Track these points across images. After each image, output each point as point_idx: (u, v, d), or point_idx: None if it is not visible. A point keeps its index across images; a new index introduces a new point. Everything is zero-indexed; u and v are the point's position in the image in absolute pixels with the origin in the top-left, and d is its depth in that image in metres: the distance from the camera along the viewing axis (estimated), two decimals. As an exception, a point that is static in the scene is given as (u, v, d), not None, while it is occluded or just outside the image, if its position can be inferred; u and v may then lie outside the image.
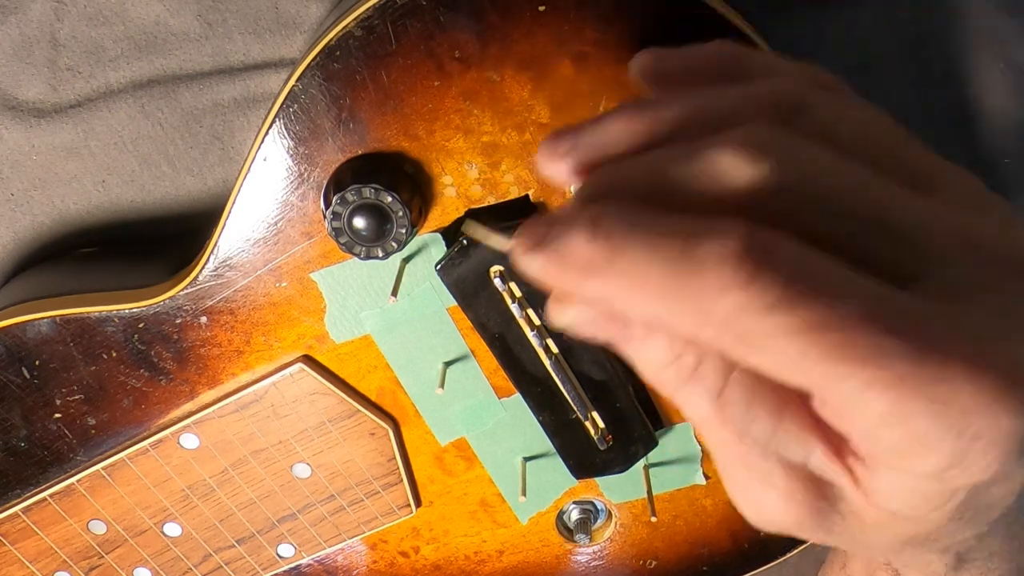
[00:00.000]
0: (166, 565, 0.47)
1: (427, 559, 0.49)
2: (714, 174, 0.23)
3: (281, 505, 0.45)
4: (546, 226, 0.24)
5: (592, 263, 0.23)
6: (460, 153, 0.37)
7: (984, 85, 0.47)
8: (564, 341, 0.40)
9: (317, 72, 0.35)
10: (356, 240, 0.37)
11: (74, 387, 0.42)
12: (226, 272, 0.40)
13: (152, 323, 0.41)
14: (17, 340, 0.41)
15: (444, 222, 0.39)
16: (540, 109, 0.36)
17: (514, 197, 0.38)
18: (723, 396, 0.25)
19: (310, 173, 0.37)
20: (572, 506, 0.47)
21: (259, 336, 0.41)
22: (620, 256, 0.23)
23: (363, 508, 0.46)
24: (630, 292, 0.23)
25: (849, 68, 0.46)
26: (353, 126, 0.36)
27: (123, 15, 0.43)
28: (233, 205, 0.38)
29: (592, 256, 0.23)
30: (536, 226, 0.24)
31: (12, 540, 0.45)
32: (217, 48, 0.44)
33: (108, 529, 0.45)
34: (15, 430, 0.43)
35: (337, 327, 0.41)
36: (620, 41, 0.35)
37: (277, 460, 0.44)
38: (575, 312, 0.25)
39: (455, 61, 0.35)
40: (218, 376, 0.42)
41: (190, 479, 0.44)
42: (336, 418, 0.43)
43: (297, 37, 0.44)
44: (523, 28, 0.35)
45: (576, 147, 0.27)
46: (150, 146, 0.46)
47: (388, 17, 0.34)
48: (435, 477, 0.46)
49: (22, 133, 0.45)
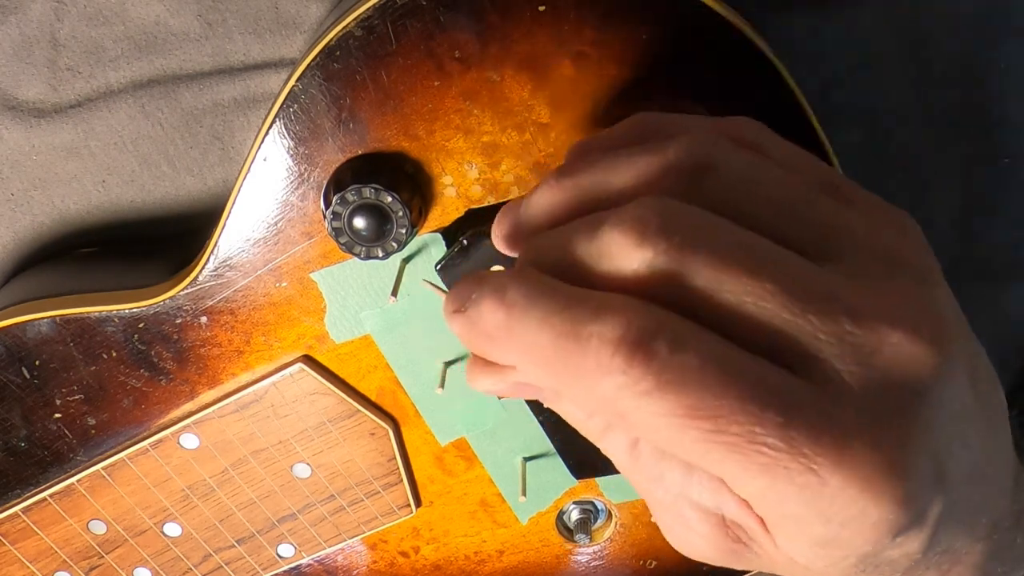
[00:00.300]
0: (166, 565, 0.47)
1: (427, 559, 0.49)
2: (607, 253, 0.24)
3: (281, 505, 0.45)
4: (469, 288, 0.25)
5: (496, 333, 0.25)
6: (460, 153, 0.37)
7: (984, 85, 0.47)
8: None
9: (317, 72, 0.35)
10: (356, 240, 0.37)
11: (74, 387, 0.42)
12: (226, 272, 0.40)
13: (152, 323, 0.41)
14: (17, 340, 0.41)
15: (444, 222, 0.39)
16: (540, 109, 0.36)
17: (514, 197, 0.38)
18: (636, 449, 0.27)
19: (310, 173, 0.37)
20: (572, 506, 0.47)
21: (259, 336, 0.41)
22: (518, 328, 0.24)
23: (363, 508, 0.46)
24: (527, 363, 0.25)
25: (849, 68, 0.46)
26: (353, 126, 0.36)
27: (123, 15, 0.43)
28: (233, 205, 0.38)
29: (496, 326, 0.24)
30: (463, 287, 0.26)
31: (12, 540, 0.45)
32: (217, 48, 0.44)
33: (108, 529, 0.45)
34: (15, 430, 0.43)
35: (337, 327, 0.41)
36: (620, 41, 0.35)
37: (277, 460, 0.44)
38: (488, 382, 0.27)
39: (455, 61, 0.35)
40: (218, 376, 0.42)
41: (190, 479, 0.44)
42: (336, 418, 0.43)
43: (297, 37, 0.44)
44: (523, 28, 0.35)
45: (503, 221, 0.29)
46: (150, 146, 0.46)
47: (388, 17, 0.34)
48: (435, 477, 0.46)
49: (22, 133, 0.45)
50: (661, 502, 0.27)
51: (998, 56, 0.46)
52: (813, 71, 0.46)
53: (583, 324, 0.23)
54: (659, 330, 0.23)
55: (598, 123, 0.37)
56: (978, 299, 0.52)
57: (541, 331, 0.24)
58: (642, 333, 0.23)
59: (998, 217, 0.50)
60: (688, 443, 0.23)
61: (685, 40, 0.35)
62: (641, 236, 0.24)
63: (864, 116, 0.47)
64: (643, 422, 0.23)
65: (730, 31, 0.35)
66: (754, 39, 0.35)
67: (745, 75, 0.35)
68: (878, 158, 0.48)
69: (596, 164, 0.27)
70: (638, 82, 0.36)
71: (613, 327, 0.23)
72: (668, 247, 0.23)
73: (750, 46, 0.35)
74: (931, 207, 0.50)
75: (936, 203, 0.49)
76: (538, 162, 0.37)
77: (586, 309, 0.23)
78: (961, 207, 0.50)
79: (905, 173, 0.49)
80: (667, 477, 0.27)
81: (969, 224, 0.50)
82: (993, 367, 0.28)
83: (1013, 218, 0.50)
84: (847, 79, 0.47)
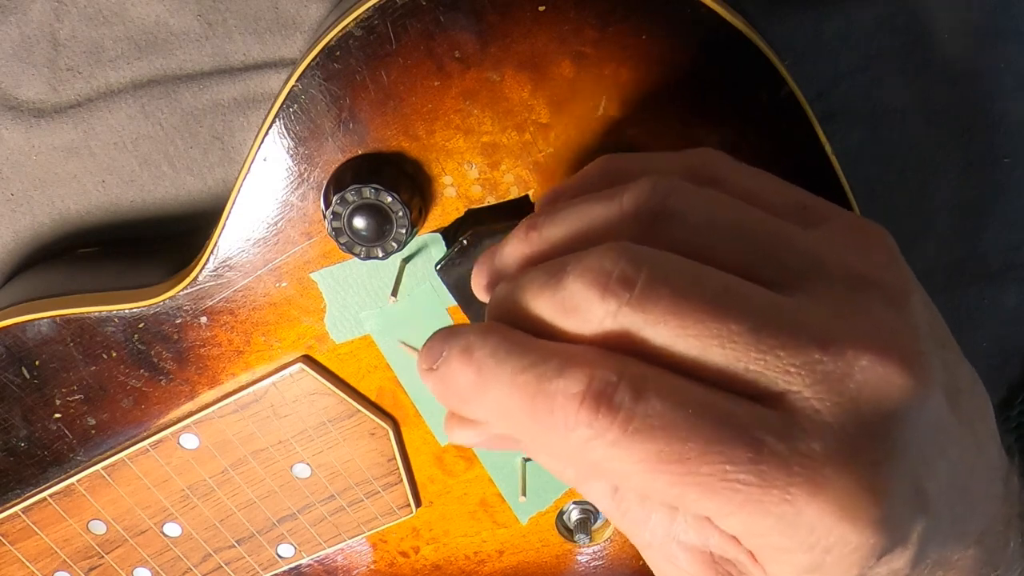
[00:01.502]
0: (166, 565, 0.47)
1: (427, 559, 0.49)
2: (571, 306, 0.25)
3: (281, 505, 0.45)
4: (440, 345, 0.26)
5: (466, 393, 0.25)
6: (460, 153, 0.37)
7: (984, 85, 0.47)
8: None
9: (317, 72, 0.35)
10: (356, 240, 0.37)
11: (74, 387, 0.42)
12: (226, 272, 0.40)
13: (152, 323, 0.41)
14: (17, 340, 0.41)
15: (444, 222, 0.39)
16: (540, 109, 0.36)
17: (514, 197, 0.38)
18: (617, 495, 0.27)
19: (310, 173, 0.37)
20: (572, 506, 0.47)
21: (259, 336, 0.41)
22: (487, 388, 0.24)
23: (363, 508, 0.46)
24: (499, 420, 0.25)
25: (849, 68, 0.46)
26: (353, 126, 0.36)
27: (123, 15, 0.43)
28: (233, 205, 0.38)
29: (466, 386, 0.25)
30: (434, 344, 0.26)
31: (12, 540, 0.45)
32: (217, 48, 0.44)
33: (108, 529, 0.45)
34: (15, 430, 0.43)
35: (337, 327, 0.41)
36: (620, 41, 0.35)
37: (277, 460, 0.44)
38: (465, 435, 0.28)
39: (455, 61, 0.35)
40: (218, 376, 0.42)
41: (190, 479, 0.44)
42: (336, 418, 0.43)
43: (297, 37, 0.44)
44: (523, 28, 0.35)
45: (480, 271, 0.30)
46: (150, 146, 0.46)
47: (388, 17, 0.34)
48: (435, 477, 0.46)
49: (22, 133, 0.45)
50: (649, 544, 0.28)
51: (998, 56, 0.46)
52: (813, 71, 0.46)
53: (548, 380, 0.24)
54: (621, 381, 0.23)
55: (598, 124, 0.37)
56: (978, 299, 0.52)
57: (510, 390, 0.24)
58: (604, 385, 0.23)
59: (998, 217, 0.50)
60: (663, 487, 0.23)
61: (685, 40, 0.35)
62: (603, 288, 0.24)
63: (864, 116, 0.47)
64: (616, 471, 0.24)
65: (730, 31, 0.35)
66: (754, 39, 0.35)
67: (745, 75, 0.35)
68: (878, 158, 0.48)
69: (561, 214, 0.28)
70: (638, 82, 0.36)
71: (576, 381, 0.23)
72: (630, 298, 0.24)
73: (750, 46, 0.35)
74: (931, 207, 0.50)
75: (936, 203, 0.49)
76: (538, 162, 0.37)
77: (550, 365, 0.24)
78: (961, 207, 0.50)
79: (905, 173, 0.49)
80: (652, 519, 0.27)
81: (969, 224, 0.50)
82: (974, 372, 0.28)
83: (1013, 218, 0.50)
84: (847, 79, 0.47)
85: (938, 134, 0.48)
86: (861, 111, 0.47)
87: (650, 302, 0.24)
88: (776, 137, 0.36)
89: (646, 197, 0.26)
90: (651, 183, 0.26)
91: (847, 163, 0.37)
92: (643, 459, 0.23)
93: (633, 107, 0.36)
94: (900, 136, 0.48)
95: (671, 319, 0.24)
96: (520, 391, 0.24)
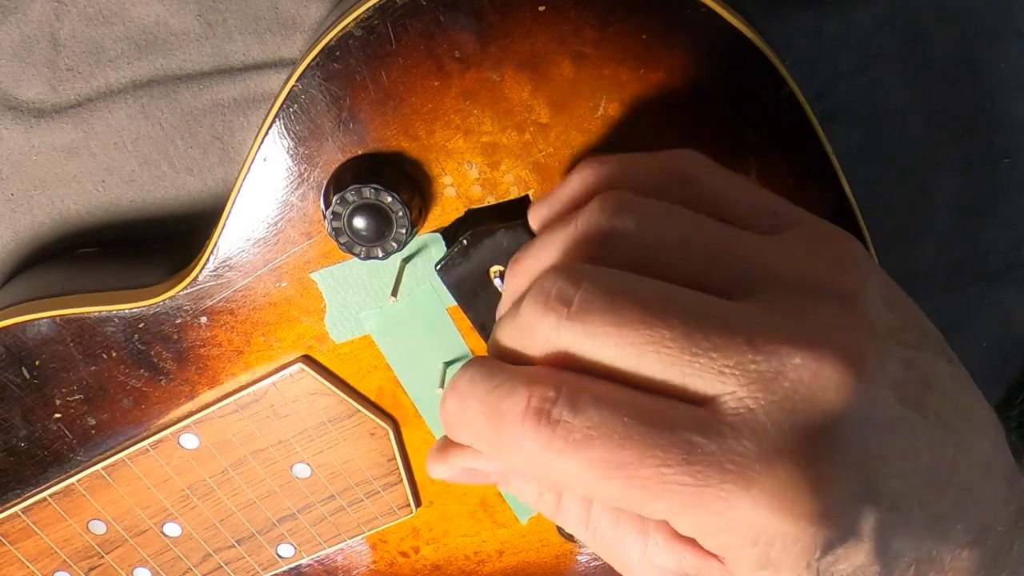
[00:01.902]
0: (166, 565, 0.47)
1: (427, 559, 0.49)
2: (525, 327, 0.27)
3: (281, 505, 0.45)
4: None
5: (453, 419, 0.28)
6: (460, 153, 0.37)
7: (984, 85, 0.47)
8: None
9: (317, 72, 0.35)
10: (356, 240, 0.37)
11: (74, 387, 0.42)
12: (226, 272, 0.40)
13: (152, 323, 0.41)
14: (17, 340, 0.41)
15: (444, 222, 0.39)
16: (540, 109, 0.36)
17: (514, 197, 0.38)
18: (590, 522, 0.29)
19: (310, 173, 0.37)
20: (572, 506, 0.47)
21: (259, 336, 0.41)
22: (465, 409, 0.27)
23: (363, 508, 0.46)
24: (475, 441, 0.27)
25: (849, 68, 0.46)
26: (353, 126, 0.36)
27: (123, 15, 0.43)
28: (233, 205, 0.38)
29: (453, 413, 0.28)
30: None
31: (12, 540, 0.45)
32: (217, 48, 0.44)
33: (108, 529, 0.45)
34: (15, 430, 0.43)
35: (337, 327, 0.41)
36: (620, 41, 0.35)
37: (277, 460, 0.44)
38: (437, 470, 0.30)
39: (455, 61, 0.35)
40: (218, 376, 0.42)
41: (190, 479, 0.44)
42: (336, 418, 0.43)
43: (297, 37, 0.44)
44: (523, 28, 0.35)
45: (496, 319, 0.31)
46: (150, 146, 0.46)
47: (388, 17, 0.34)
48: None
49: (22, 133, 0.45)
50: (628, 568, 0.29)
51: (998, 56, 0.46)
52: (813, 71, 0.46)
53: (502, 399, 0.26)
54: (559, 395, 0.25)
55: (597, 124, 0.37)
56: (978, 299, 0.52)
57: (477, 409, 0.27)
58: (542, 401, 0.25)
59: (998, 217, 0.50)
60: (613, 492, 0.25)
61: (685, 41, 0.35)
62: (544, 305, 0.26)
63: (864, 116, 0.47)
64: (569, 482, 0.25)
65: (730, 31, 0.35)
66: (754, 39, 0.35)
67: (745, 75, 0.35)
68: (878, 158, 0.48)
69: (533, 246, 0.30)
70: (637, 82, 0.36)
71: (520, 399, 0.26)
72: (568, 312, 0.26)
73: (750, 46, 0.35)
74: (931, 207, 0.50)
75: (936, 203, 0.49)
76: (538, 162, 0.37)
77: (506, 386, 0.26)
78: (961, 207, 0.50)
79: (905, 173, 0.49)
80: (627, 542, 0.28)
81: (969, 224, 0.50)
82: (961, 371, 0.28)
83: (1013, 218, 0.50)
84: (847, 79, 0.47)
85: (938, 134, 0.48)
86: (861, 111, 0.47)
87: (587, 313, 0.25)
88: (776, 137, 0.36)
89: (595, 219, 0.28)
90: (599, 204, 0.28)
91: (847, 163, 0.37)
92: (588, 467, 0.25)
93: (633, 107, 0.36)
94: (900, 136, 0.48)
95: (608, 328, 0.25)
96: (485, 410, 0.27)
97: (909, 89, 0.47)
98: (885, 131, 0.48)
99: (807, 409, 0.24)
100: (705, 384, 0.25)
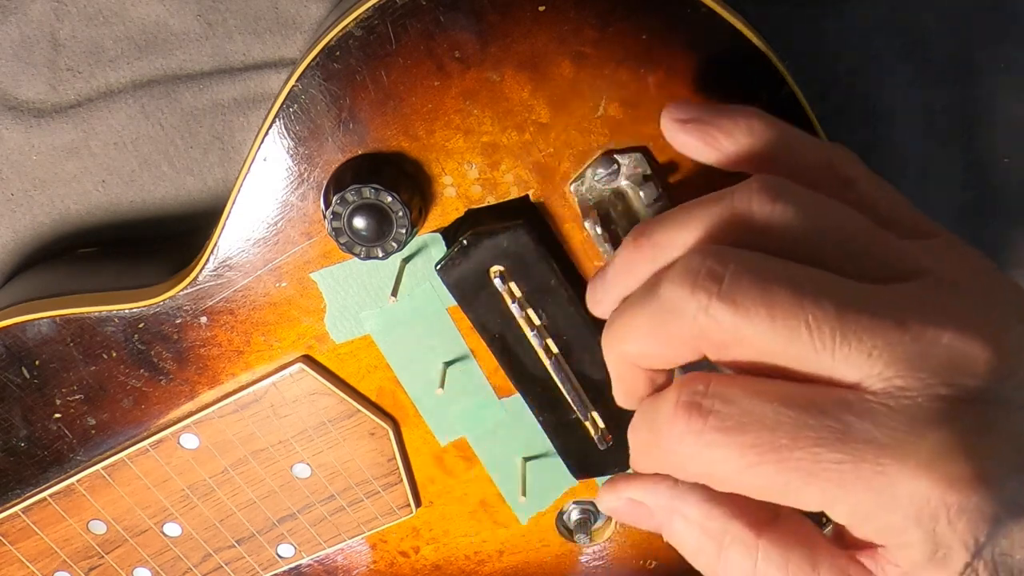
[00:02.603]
0: (166, 565, 0.47)
1: (427, 559, 0.49)
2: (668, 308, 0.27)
3: (281, 505, 0.45)
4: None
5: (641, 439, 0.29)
6: (460, 153, 0.37)
7: (984, 85, 0.47)
8: (564, 341, 0.40)
9: (317, 72, 0.35)
10: (356, 240, 0.37)
11: (74, 387, 0.42)
12: (226, 272, 0.40)
13: (152, 323, 0.41)
14: (17, 340, 0.41)
15: (444, 222, 0.39)
16: (540, 109, 0.36)
17: (514, 197, 0.38)
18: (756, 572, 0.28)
19: (310, 173, 0.37)
20: (572, 506, 0.47)
21: (259, 336, 0.41)
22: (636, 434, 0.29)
23: (363, 508, 0.46)
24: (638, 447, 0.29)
25: (849, 68, 0.46)
26: (353, 126, 0.36)
27: (123, 15, 0.43)
28: (233, 205, 0.38)
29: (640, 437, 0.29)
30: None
31: (12, 540, 0.45)
32: (217, 48, 0.44)
33: (108, 529, 0.45)
34: (15, 430, 0.43)
35: (337, 327, 0.41)
36: (619, 41, 0.35)
37: (277, 460, 0.44)
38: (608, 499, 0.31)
39: (455, 61, 0.35)
40: (218, 376, 0.42)
41: (190, 479, 0.44)
42: (336, 418, 0.43)
43: (297, 37, 0.44)
44: (523, 28, 0.35)
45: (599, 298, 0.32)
46: (150, 146, 0.46)
47: (388, 17, 0.34)
48: (435, 477, 0.46)
49: (22, 133, 0.45)
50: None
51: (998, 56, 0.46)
52: (813, 71, 0.46)
53: (655, 401, 0.28)
54: (708, 387, 0.26)
55: (597, 124, 0.37)
56: (978, 299, 0.52)
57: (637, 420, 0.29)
58: (693, 394, 0.26)
59: (998, 217, 0.50)
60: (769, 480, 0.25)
61: (685, 41, 0.35)
62: (692, 284, 0.26)
63: (864, 116, 0.47)
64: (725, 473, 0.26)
65: (730, 31, 0.35)
66: (754, 39, 0.35)
67: (745, 75, 0.35)
68: (878, 158, 0.48)
69: (665, 220, 0.29)
70: (637, 83, 0.36)
71: (671, 394, 0.27)
72: (719, 290, 0.26)
73: (750, 46, 0.35)
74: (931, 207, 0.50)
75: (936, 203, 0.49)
76: (538, 162, 0.37)
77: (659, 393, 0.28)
78: (961, 207, 0.50)
79: (905, 173, 0.49)
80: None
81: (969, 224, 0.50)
82: None
83: (1013, 218, 0.50)
84: (847, 79, 0.47)
85: (938, 134, 0.48)
86: (861, 111, 0.47)
87: (738, 293, 0.25)
88: (776, 137, 0.36)
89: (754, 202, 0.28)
90: (759, 186, 0.28)
91: (847, 163, 0.37)
92: (742, 453, 0.25)
93: (632, 107, 0.36)
94: (900, 136, 0.48)
95: (760, 308, 0.25)
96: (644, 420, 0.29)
97: (909, 89, 0.47)
98: (885, 131, 0.48)
99: (957, 385, 0.25)
100: (854, 364, 0.25)
